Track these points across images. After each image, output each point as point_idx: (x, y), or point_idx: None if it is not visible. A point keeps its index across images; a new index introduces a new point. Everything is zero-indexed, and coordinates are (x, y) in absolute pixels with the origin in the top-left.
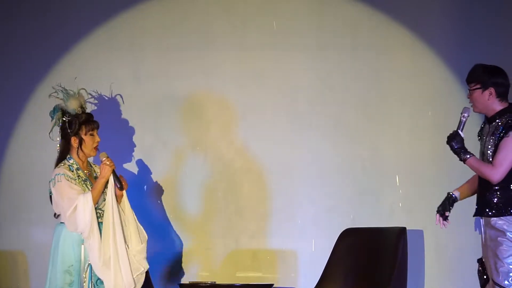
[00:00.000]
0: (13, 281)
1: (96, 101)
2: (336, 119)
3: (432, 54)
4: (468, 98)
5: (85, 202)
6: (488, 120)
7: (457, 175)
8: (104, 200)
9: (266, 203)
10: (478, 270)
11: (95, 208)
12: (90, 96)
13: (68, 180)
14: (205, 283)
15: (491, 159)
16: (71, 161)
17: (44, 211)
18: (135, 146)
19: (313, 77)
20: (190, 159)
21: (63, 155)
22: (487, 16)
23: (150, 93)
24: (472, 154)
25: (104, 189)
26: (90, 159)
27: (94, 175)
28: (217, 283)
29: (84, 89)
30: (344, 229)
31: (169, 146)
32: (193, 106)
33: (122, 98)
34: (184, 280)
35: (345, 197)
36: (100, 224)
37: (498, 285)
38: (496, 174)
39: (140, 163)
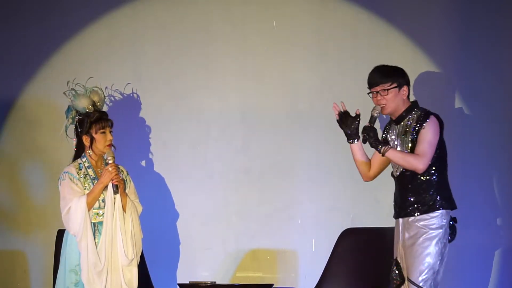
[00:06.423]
0: (13, 281)
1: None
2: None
3: (432, 55)
4: (379, 99)
5: (78, 205)
6: (396, 120)
7: (456, 174)
8: (103, 202)
9: (266, 203)
10: (394, 272)
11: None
12: (107, 94)
13: (71, 179)
14: (205, 283)
15: None
16: (84, 159)
17: (44, 211)
18: (134, 145)
19: (313, 77)
20: (190, 159)
21: (77, 154)
22: (487, 16)
23: (150, 92)
24: (390, 144)
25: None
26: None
27: None
28: (217, 283)
29: (97, 87)
30: (344, 229)
31: (169, 146)
32: (193, 106)
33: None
34: (184, 280)
35: (345, 197)
36: (99, 224)
37: (414, 283)
38: (421, 163)
39: (139, 162)
